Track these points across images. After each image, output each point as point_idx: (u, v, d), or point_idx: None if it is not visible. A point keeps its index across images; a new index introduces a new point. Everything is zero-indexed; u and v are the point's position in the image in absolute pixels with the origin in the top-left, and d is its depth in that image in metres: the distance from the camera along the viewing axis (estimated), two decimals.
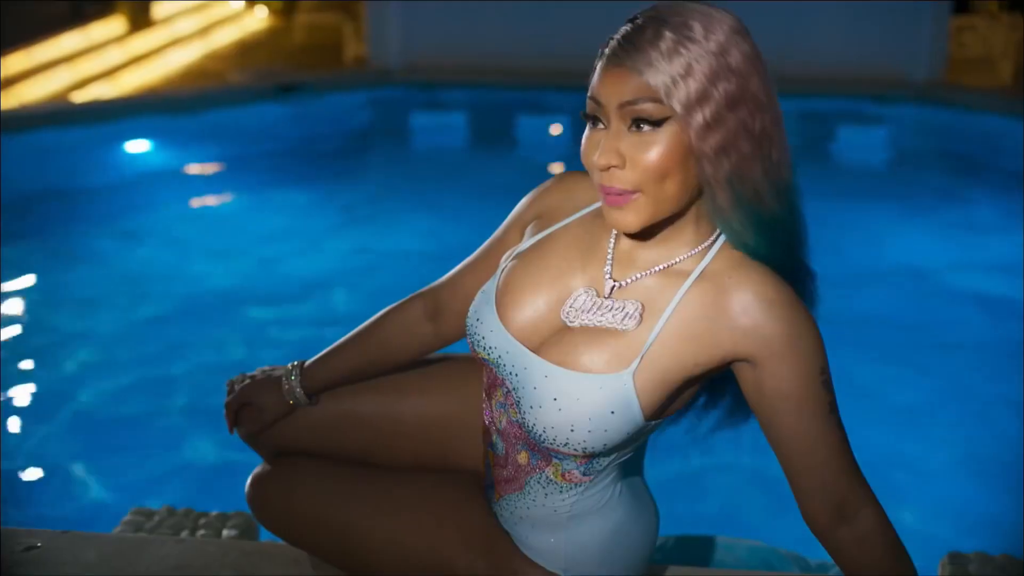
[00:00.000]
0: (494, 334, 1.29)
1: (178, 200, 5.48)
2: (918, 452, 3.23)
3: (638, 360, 1.20)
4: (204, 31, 9.27)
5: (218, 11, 10.03)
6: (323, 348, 1.53)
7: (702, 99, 1.12)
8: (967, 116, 6.55)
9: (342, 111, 6.84)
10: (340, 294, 4.31)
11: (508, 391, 1.30)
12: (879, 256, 4.85)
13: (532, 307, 1.29)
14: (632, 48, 1.13)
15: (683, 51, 1.11)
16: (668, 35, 1.12)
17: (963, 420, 3.43)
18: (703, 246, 1.23)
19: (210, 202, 5.59)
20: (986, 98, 6.76)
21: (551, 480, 1.31)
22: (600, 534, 1.34)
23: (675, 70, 1.11)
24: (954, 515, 2.92)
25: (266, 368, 1.59)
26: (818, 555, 1.80)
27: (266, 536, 1.93)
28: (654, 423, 1.25)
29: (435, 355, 1.56)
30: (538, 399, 1.23)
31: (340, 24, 8.25)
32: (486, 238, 1.46)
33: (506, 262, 1.36)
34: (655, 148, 1.13)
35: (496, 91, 7.14)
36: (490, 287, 1.34)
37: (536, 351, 1.26)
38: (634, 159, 1.14)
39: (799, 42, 6.99)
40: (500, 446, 1.35)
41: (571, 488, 1.31)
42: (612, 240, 1.28)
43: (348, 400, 1.53)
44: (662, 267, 1.24)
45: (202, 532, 1.95)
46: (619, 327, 1.21)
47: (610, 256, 1.27)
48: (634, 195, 1.15)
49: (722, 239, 1.23)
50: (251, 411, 1.53)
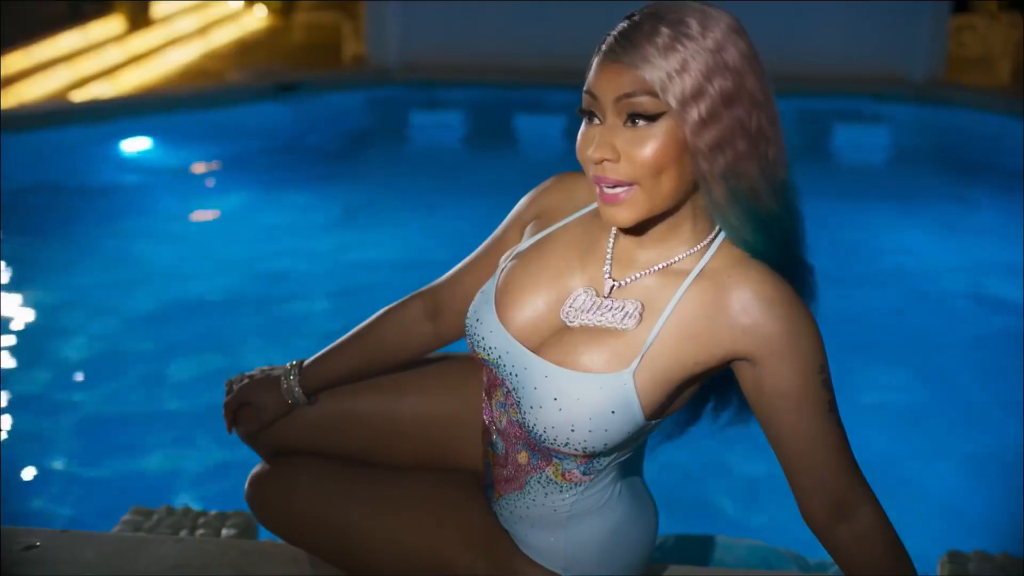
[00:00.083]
0: (494, 334, 1.29)
1: (177, 199, 5.47)
2: (917, 451, 3.24)
3: (638, 359, 1.20)
4: (203, 30, 9.27)
5: (217, 10, 10.03)
6: (322, 347, 1.53)
7: (697, 95, 1.12)
8: (966, 115, 6.55)
9: (341, 110, 6.84)
10: (339, 293, 4.31)
11: (508, 391, 1.30)
12: (878, 255, 4.85)
13: (532, 307, 1.29)
14: (629, 44, 1.13)
15: (679, 47, 1.12)
16: (665, 31, 1.12)
17: (962, 419, 3.43)
18: (701, 245, 1.23)
19: (209, 201, 5.59)
20: (985, 97, 6.76)
21: (551, 480, 1.31)
22: (600, 533, 1.34)
23: (671, 66, 1.11)
24: (953, 514, 2.92)
25: (265, 368, 1.59)
26: (817, 554, 1.80)
27: (265, 535, 1.93)
28: (654, 422, 1.25)
29: (434, 355, 1.56)
30: (538, 399, 1.23)
31: (339, 23, 8.24)
32: (485, 237, 1.46)
33: (505, 262, 1.35)
34: (650, 143, 1.13)
35: (495, 90, 7.14)
36: (489, 287, 1.34)
37: (536, 351, 1.26)
38: (629, 154, 1.14)
39: (798, 41, 7.00)
40: (500, 446, 1.35)
41: (571, 488, 1.31)
42: (611, 240, 1.28)
43: (347, 399, 1.53)
44: (661, 266, 1.24)
45: (201, 531, 1.95)
46: (619, 327, 1.21)
47: (609, 256, 1.27)
48: (630, 188, 1.15)
49: (720, 238, 1.23)
50: (250, 411, 1.53)
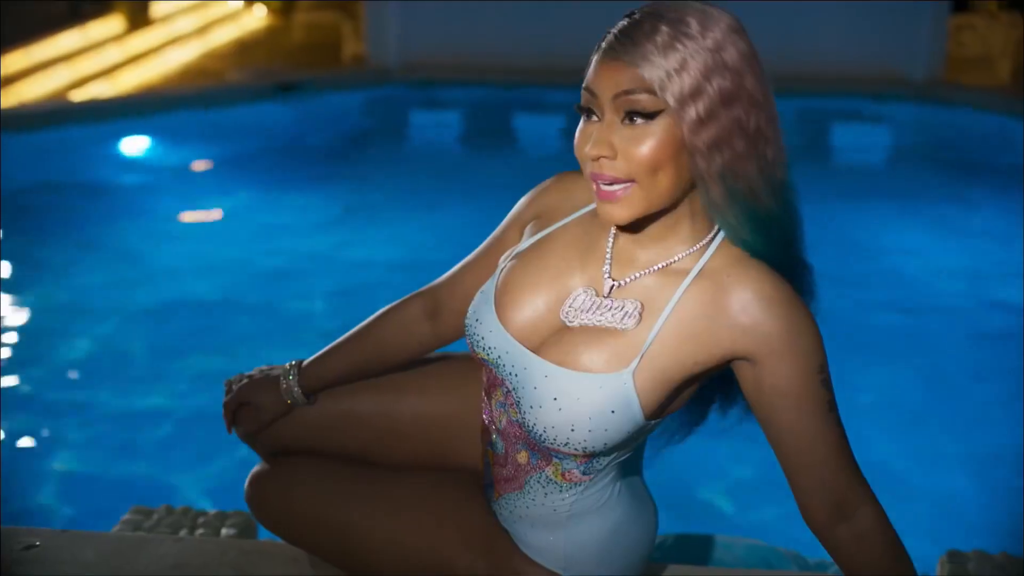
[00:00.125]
0: (493, 334, 1.29)
1: (177, 199, 5.47)
2: (917, 450, 3.24)
3: (638, 359, 1.20)
4: (203, 30, 9.27)
5: (217, 10, 10.03)
6: (321, 347, 1.53)
7: (696, 94, 1.12)
8: (966, 115, 6.56)
9: (341, 110, 6.84)
10: (338, 293, 4.31)
11: (508, 391, 1.30)
12: (878, 254, 4.85)
13: (531, 307, 1.29)
14: (628, 42, 1.13)
15: (679, 46, 1.12)
16: (664, 30, 1.12)
17: (962, 418, 3.43)
18: (701, 244, 1.23)
19: (209, 200, 5.58)
20: (985, 97, 6.77)
21: (551, 479, 1.31)
22: (599, 533, 1.34)
23: (670, 64, 1.11)
24: (953, 513, 2.92)
25: (264, 367, 1.59)
26: (817, 554, 1.80)
27: (265, 535, 1.92)
28: (654, 422, 1.25)
29: (434, 354, 1.56)
30: (538, 399, 1.23)
31: (339, 23, 8.24)
32: (485, 237, 1.46)
33: (505, 262, 1.35)
34: (648, 141, 1.13)
35: (494, 90, 7.14)
36: (489, 287, 1.34)
37: (536, 351, 1.26)
38: (626, 151, 1.14)
39: (798, 41, 7.00)
40: (500, 445, 1.35)
41: (571, 487, 1.31)
42: (611, 239, 1.28)
43: (347, 399, 1.53)
44: (660, 266, 1.23)
45: (201, 531, 1.95)
46: (618, 326, 1.21)
47: (609, 255, 1.27)
48: (627, 186, 1.15)
49: (720, 237, 1.23)
50: (249, 410, 1.53)
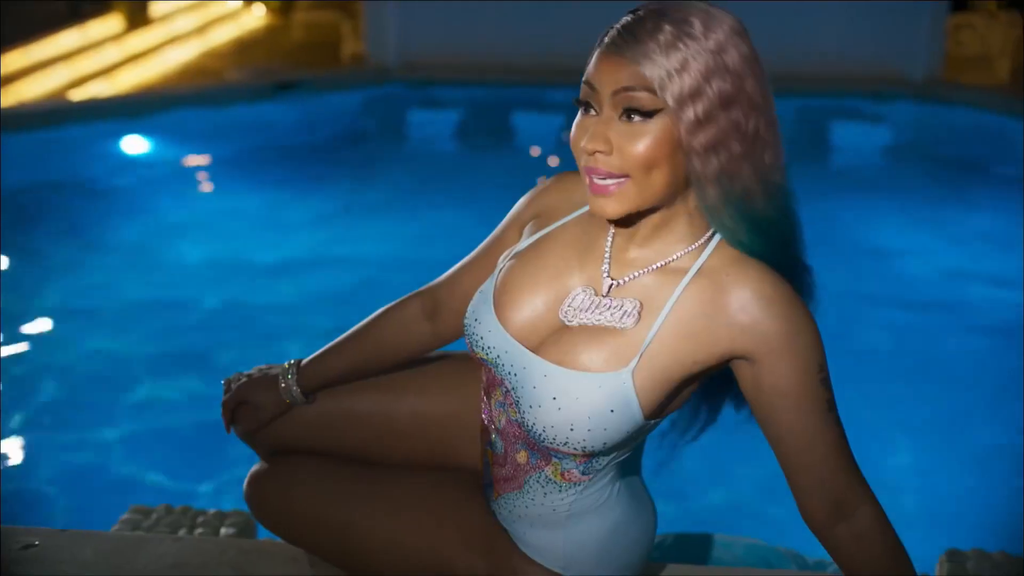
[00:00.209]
0: (492, 334, 1.29)
1: (176, 198, 5.47)
2: (916, 449, 3.24)
3: (637, 358, 1.20)
4: (202, 29, 9.26)
5: (216, 9, 10.02)
6: (319, 346, 1.53)
7: (695, 95, 1.12)
8: (965, 114, 6.55)
9: (340, 109, 6.83)
10: (337, 291, 4.31)
11: (507, 391, 1.30)
12: (876, 252, 4.85)
13: (530, 307, 1.29)
14: (631, 38, 1.13)
15: (681, 46, 1.12)
16: (668, 29, 1.12)
17: (960, 417, 3.43)
18: (699, 242, 1.23)
19: (207, 199, 5.59)
20: (984, 96, 6.76)
21: (550, 479, 1.31)
22: (598, 532, 1.34)
23: (671, 64, 1.11)
24: (952, 512, 2.92)
25: (263, 366, 1.59)
26: (816, 553, 1.80)
27: (264, 534, 1.92)
28: (653, 422, 1.25)
29: (433, 354, 1.56)
30: (537, 398, 1.23)
31: (338, 22, 8.24)
32: (484, 236, 1.46)
33: (504, 262, 1.35)
34: (644, 139, 1.13)
35: (493, 89, 7.13)
36: (488, 287, 1.34)
37: (535, 351, 1.26)
38: (622, 148, 1.14)
39: (797, 40, 6.99)
40: (499, 445, 1.35)
41: (570, 487, 1.31)
42: (609, 239, 1.27)
43: (345, 398, 1.53)
44: (659, 265, 1.23)
45: (200, 530, 1.95)
46: (617, 325, 1.21)
47: (607, 255, 1.27)
48: (621, 181, 1.15)
49: (718, 236, 1.23)
50: (248, 409, 1.53)
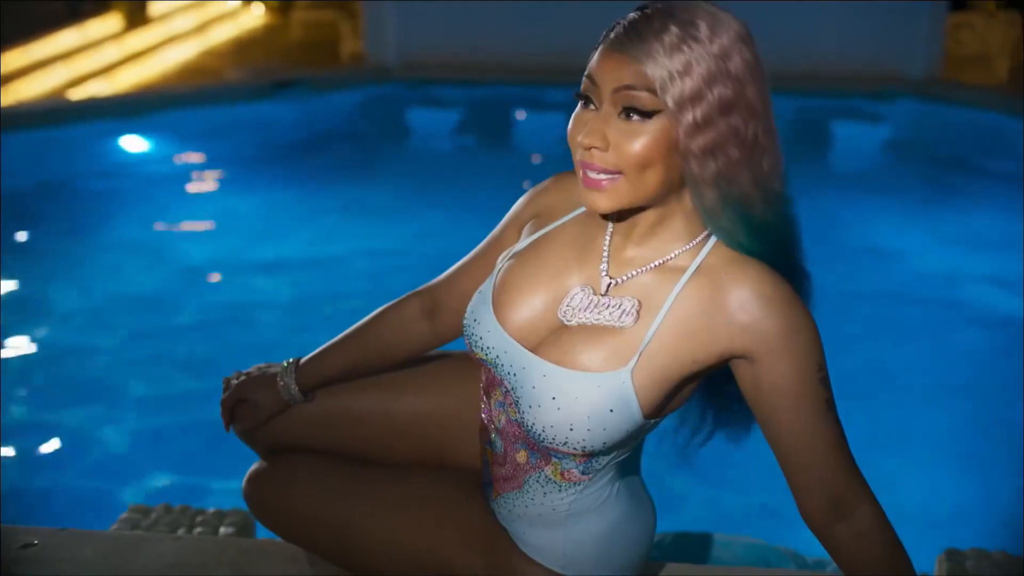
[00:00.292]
0: (492, 334, 1.29)
1: (175, 197, 5.47)
2: (915, 449, 3.24)
3: (636, 358, 1.20)
4: (201, 28, 9.25)
5: (215, 8, 10.01)
6: (318, 345, 1.53)
7: (695, 99, 1.12)
8: (964, 113, 6.55)
9: (339, 108, 6.83)
10: (337, 291, 4.31)
11: (507, 390, 1.30)
12: (875, 251, 4.85)
13: (529, 306, 1.29)
14: (636, 37, 1.13)
15: (685, 49, 1.12)
16: (673, 30, 1.12)
17: (960, 416, 3.43)
18: (697, 241, 1.23)
19: (206, 198, 5.58)
20: (983, 95, 6.77)
21: (550, 479, 1.31)
22: (598, 532, 1.34)
23: (674, 66, 1.11)
24: (951, 511, 2.92)
25: (262, 365, 1.59)
26: (816, 552, 1.80)
27: (263, 533, 1.92)
28: (653, 421, 1.25)
29: (432, 353, 1.56)
30: (537, 398, 1.23)
31: (337, 21, 8.23)
32: (483, 236, 1.46)
33: (503, 262, 1.35)
34: (641, 139, 1.13)
35: (493, 88, 7.13)
36: (487, 287, 1.34)
37: (534, 350, 1.26)
38: (618, 145, 1.14)
39: (796, 39, 6.99)
40: (499, 444, 1.35)
41: (570, 487, 1.31)
42: (608, 238, 1.27)
43: (345, 397, 1.53)
44: (657, 263, 1.23)
45: (199, 529, 1.95)
46: (616, 324, 1.21)
47: (606, 254, 1.27)
48: (614, 177, 1.15)
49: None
50: (247, 408, 1.53)
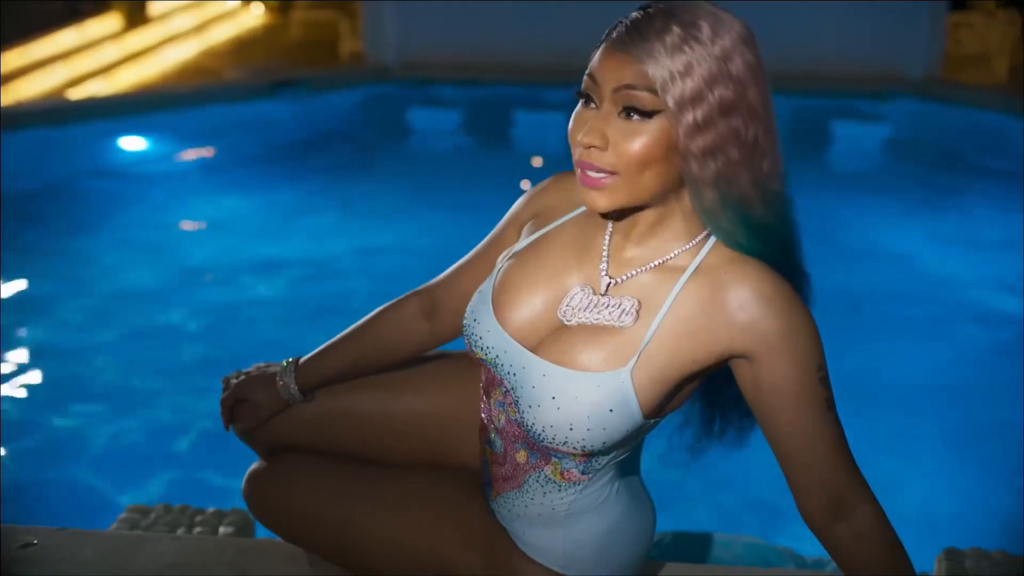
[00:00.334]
0: (491, 334, 1.29)
1: (174, 197, 5.47)
2: (914, 448, 3.24)
3: (636, 357, 1.20)
4: (200, 28, 9.26)
5: (214, 8, 10.01)
6: (318, 345, 1.53)
7: (696, 100, 1.11)
8: (964, 113, 6.56)
9: (338, 108, 6.83)
10: (337, 291, 4.31)
11: (506, 390, 1.30)
12: (875, 251, 4.85)
13: (529, 306, 1.28)
14: (638, 36, 1.13)
15: (687, 49, 1.11)
16: (676, 30, 1.12)
17: (960, 416, 3.43)
18: (696, 240, 1.23)
19: (206, 198, 5.58)
20: (983, 95, 6.77)
21: (550, 479, 1.31)
22: (598, 531, 1.34)
23: (675, 66, 1.11)
24: (951, 511, 2.92)
25: (261, 364, 1.59)
26: (815, 551, 1.80)
27: (263, 533, 1.92)
28: (653, 421, 1.25)
29: (431, 353, 1.56)
30: (536, 398, 1.23)
31: (336, 21, 8.24)
32: (483, 235, 1.46)
33: (502, 262, 1.35)
34: (640, 138, 1.13)
35: (493, 88, 7.13)
36: (486, 287, 1.34)
37: (534, 350, 1.26)
38: (618, 145, 1.14)
39: (796, 39, 6.99)
40: (498, 444, 1.35)
41: (570, 487, 1.31)
42: (607, 238, 1.27)
43: (344, 397, 1.53)
44: (657, 263, 1.23)
45: (198, 529, 1.95)
46: (616, 324, 1.21)
47: (605, 253, 1.27)
48: (612, 176, 1.15)
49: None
50: (246, 407, 1.53)
